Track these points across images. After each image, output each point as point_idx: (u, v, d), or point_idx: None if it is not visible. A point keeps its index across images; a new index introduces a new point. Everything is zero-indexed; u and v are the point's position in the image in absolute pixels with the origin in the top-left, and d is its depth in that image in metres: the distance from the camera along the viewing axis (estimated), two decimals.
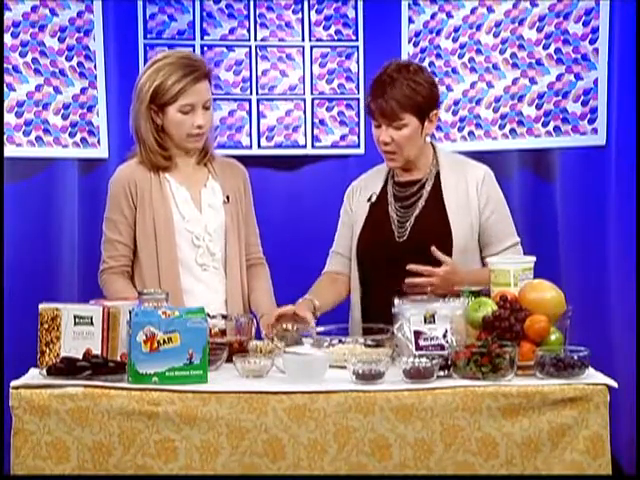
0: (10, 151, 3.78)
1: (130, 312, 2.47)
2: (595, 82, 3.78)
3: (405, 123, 3.01)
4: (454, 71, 4.04)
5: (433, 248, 2.90)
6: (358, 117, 4.13)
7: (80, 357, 2.49)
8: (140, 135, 3.09)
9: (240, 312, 3.04)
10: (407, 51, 4.10)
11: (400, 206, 3.11)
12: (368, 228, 3.14)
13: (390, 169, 3.18)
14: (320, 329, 2.83)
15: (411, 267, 2.88)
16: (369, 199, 3.17)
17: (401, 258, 2.96)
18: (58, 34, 3.90)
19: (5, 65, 3.78)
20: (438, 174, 3.11)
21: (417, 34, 4.10)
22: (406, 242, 3.05)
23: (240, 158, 3.36)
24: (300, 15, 4.14)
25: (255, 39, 4.12)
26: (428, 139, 3.14)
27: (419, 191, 3.11)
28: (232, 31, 4.12)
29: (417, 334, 2.54)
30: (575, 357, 2.45)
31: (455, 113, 4.05)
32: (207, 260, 3.09)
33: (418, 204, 3.10)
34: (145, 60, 4.03)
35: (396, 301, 2.65)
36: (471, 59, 4.01)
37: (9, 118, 3.79)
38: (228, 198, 3.13)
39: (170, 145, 3.10)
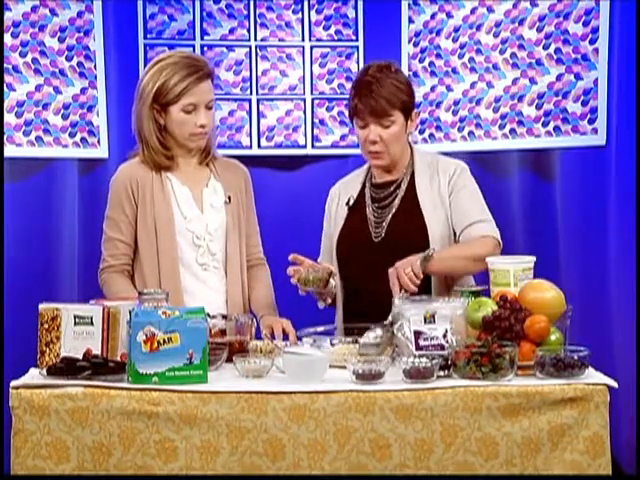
0: (10, 151, 3.79)
1: (130, 312, 2.47)
2: (595, 82, 3.78)
3: (393, 120, 3.04)
4: (454, 71, 4.04)
5: None
6: None
7: (80, 357, 2.49)
8: (142, 135, 3.09)
9: (240, 312, 3.04)
10: (407, 51, 4.10)
11: (377, 207, 3.13)
12: (346, 230, 3.16)
13: (368, 172, 3.20)
14: (320, 329, 2.84)
15: None
16: (347, 202, 3.18)
17: (378, 257, 2.98)
18: (58, 34, 3.90)
19: (5, 65, 3.78)
20: (413, 173, 3.12)
21: (417, 34, 4.10)
22: (382, 242, 3.06)
23: (240, 158, 3.36)
24: (300, 15, 4.14)
25: (255, 39, 4.12)
26: (409, 139, 3.16)
27: (395, 191, 3.13)
28: (232, 31, 4.12)
29: (417, 334, 2.54)
30: (575, 357, 2.45)
31: (455, 113, 4.05)
32: (207, 260, 3.09)
33: (394, 204, 3.11)
34: (145, 60, 4.03)
35: (396, 301, 2.65)
36: (471, 59, 4.01)
37: (9, 118, 3.79)
38: (230, 198, 3.13)
39: (172, 145, 3.10)
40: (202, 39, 4.09)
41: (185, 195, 3.10)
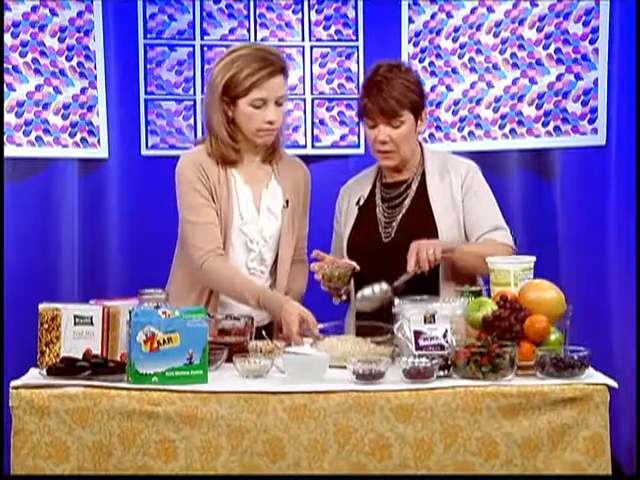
0: (10, 151, 3.79)
1: (130, 312, 2.47)
2: (595, 82, 3.78)
3: (403, 120, 3.02)
4: (454, 71, 4.05)
5: None
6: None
7: (80, 357, 2.49)
8: (212, 127, 3.00)
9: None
10: (407, 51, 4.10)
11: (387, 207, 3.12)
12: (356, 230, 3.15)
13: (378, 171, 3.19)
14: (321, 326, 2.84)
15: None
16: (357, 202, 3.18)
17: (388, 258, 2.96)
18: (58, 34, 3.91)
19: (5, 65, 3.78)
20: (424, 173, 3.11)
21: (417, 34, 4.10)
22: (392, 242, 3.05)
23: None
24: (300, 15, 4.14)
25: (255, 39, 4.12)
26: (419, 138, 3.15)
27: (405, 191, 3.11)
28: (232, 31, 4.12)
29: (417, 334, 2.53)
30: (575, 357, 2.45)
31: (455, 113, 4.05)
32: (256, 265, 3.03)
33: (404, 204, 3.10)
34: (145, 60, 4.04)
35: (396, 301, 2.65)
36: (471, 59, 4.02)
37: (9, 118, 3.79)
38: (287, 202, 3.06)
39: (240, 139, 3.01)
40: (202, 39, 4.09)
41: (247, 195, 3.02)
